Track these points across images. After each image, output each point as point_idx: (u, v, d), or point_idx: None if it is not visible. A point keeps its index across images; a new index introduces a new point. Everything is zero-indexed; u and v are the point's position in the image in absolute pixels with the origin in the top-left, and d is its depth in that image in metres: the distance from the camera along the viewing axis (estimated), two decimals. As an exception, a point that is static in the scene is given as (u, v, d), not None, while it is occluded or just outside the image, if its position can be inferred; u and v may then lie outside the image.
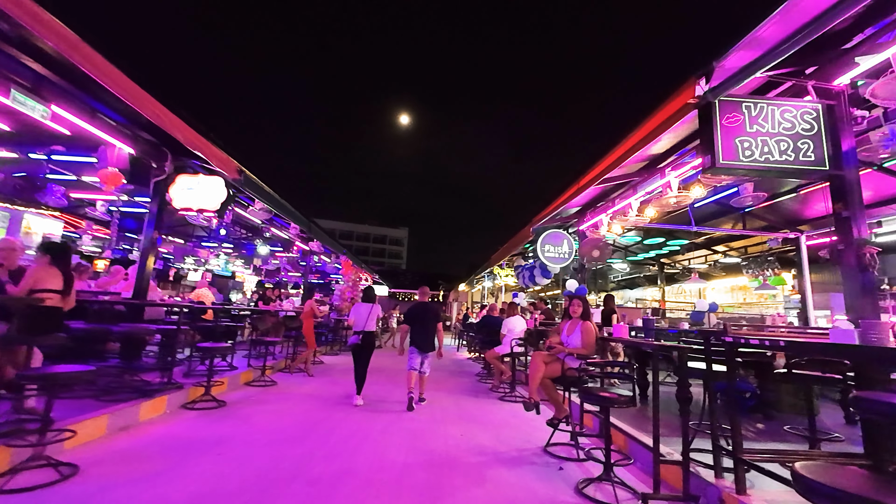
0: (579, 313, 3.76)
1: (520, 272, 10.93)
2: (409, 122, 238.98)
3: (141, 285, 5.13)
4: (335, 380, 6.78)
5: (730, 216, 8.14)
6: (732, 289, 11.77)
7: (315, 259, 13.24)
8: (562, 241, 7.75)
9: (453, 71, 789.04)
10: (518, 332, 5.93)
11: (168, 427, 3.78)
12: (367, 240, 69.19)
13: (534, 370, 3.55)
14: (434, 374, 8.00)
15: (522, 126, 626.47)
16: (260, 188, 6.25)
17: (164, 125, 4.44)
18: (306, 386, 6.18)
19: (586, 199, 7.20)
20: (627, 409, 3.48)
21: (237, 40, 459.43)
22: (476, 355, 11.18)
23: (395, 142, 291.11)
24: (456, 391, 6.36)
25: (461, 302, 26.55)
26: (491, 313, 7.36)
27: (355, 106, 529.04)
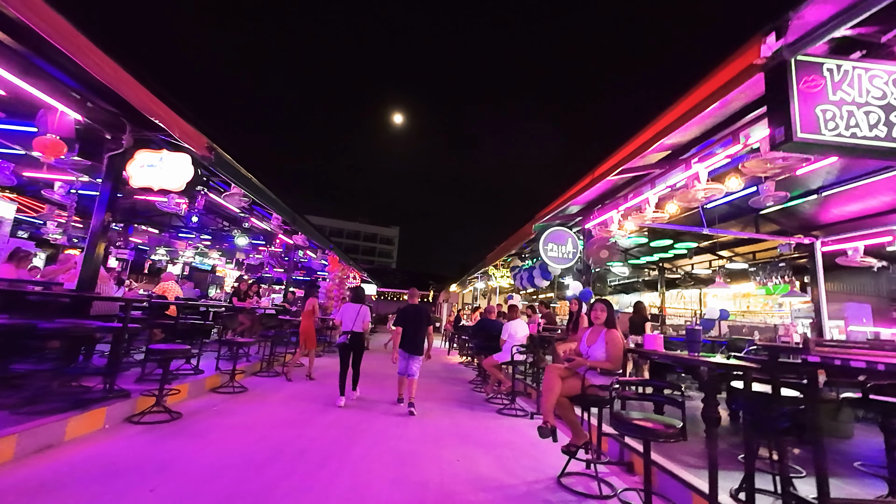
0: (603, 320, 3.18)
1: (517, 273, 10.37)
2: (404, 121, 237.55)
3: (87, 275, 4.41)
4: (315, 385, 6.11)
5: (741, 219, 7.69)
6: (735, 296, 11.37)
7: (300, 254, 12.52)
8: (566, 240, 7.20)
9: (451, 67, 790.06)
10: (520, 338, 5.34)
11: (100, 447, 3.09)
12: (357, 238, 68.29)
13: (549, 387, 2.96)
14: (424, 380, 7.39)
15: (522, 124, 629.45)
16: (235, 170, 5.56)
17: (120, 89, 3.77)
18: (282, 392, 5.50)
19: (593, 195, 6.65)
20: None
21: (228, 28, 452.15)
22: (468, 360, 10.58)
23: (389, 140, 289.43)
24: (449, 401, 5.75)
25: (452, 303, 25.94)
26: (488, 316, 6.77)
27: (348, 102, 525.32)
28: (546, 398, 2.96)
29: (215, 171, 5.26)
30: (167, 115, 4.12)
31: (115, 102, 4.34)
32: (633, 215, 5.43)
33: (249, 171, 6.15)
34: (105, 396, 3.66)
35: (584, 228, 7.29)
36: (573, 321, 5.56)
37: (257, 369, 6.70)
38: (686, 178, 4.44)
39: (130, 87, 3.79)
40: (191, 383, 4.89)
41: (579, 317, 5.50)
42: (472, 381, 7.49)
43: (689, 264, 11.30)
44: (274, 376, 6.55)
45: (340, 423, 4.25)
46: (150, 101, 3.94)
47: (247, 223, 8.30)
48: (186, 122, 4.45)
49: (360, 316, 5.14)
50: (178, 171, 4.71)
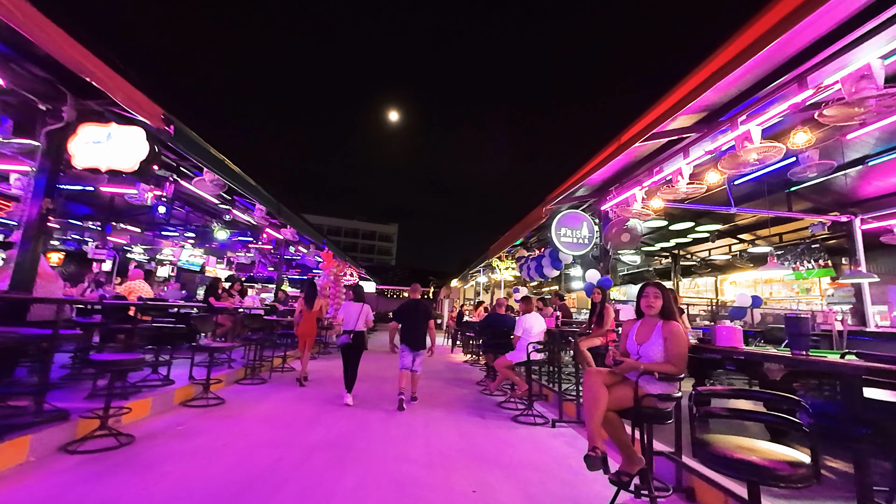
0: (658, 309, 2.46)
1: (524, 263, 9.67)
2: (401, 118, 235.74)
3: (22, 274, 3.69)
4: (305, 393, 5.41)
5: (769, 197, 6.99)
6: (756, 282, 10.68)
7: (291, 250, 11.81)
8: (580, 224, 6.50)
9: (450, 63, 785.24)
10: (537, 334, 4.65)
11: (11, 491, 2.39)
12: (355, 236, 67.63)
13: (592, 399, 2.24)
14: (427, 382, 6.71)
15: (520, 120, 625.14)
16: (202, 150, 4.84)
17: (55, 51, 3.07)
18: (265, 403, 4.81)
19: (610, 171, 5.94)
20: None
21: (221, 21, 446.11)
22: (474, 358, 9.90)
23: (387, 137, 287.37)
24: (456, 408, 5.05)
25: (453, 299, 25.27)
26: (496, 310, 6.07)
27: (346, 101, 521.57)
28: (590, 414, 2.25)
29: (178, 149, 4.51)
30: (107, 77, 3.40)
31: (48, 66, 3.60)
32: (662, 191, 4.71)
33: (223, 153, 5.43)
34: (32, 422, 2.96)
35: (599, 210, 6.58)
36: (597, 313, 4.86)
37: (241, 376, 6.00)
38: (734, 140, 3.73)
39: (72, 52, 3.09)
40: (156, 397, 4.20)
41: (604, 308, 4.80)
42: (480, 382, 6.80)
43: (705, 250, 10.61)
44: (259, 383, 5.85)
45: (330, 442, 3.55)
46: (83, 58, 3.21)
47: (228, 216, 7.58)
48: (134, 88, 3.73)
49: (363, 315, 5.11)
50: (130, 148, 3.98)
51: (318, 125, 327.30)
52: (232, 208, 7.57)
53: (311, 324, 6.60)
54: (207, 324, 4.75)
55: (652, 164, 5.17)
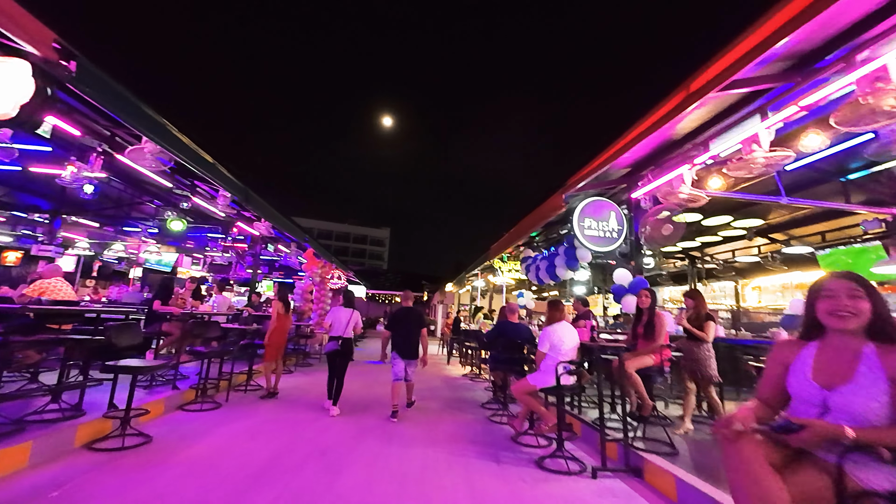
0: (862, 319, 1.34)
1: (531, 264, 8.58)
2: (393, 121, 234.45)
3: None
4: (264, 423, 4.22)
5: (822, 187, 6.02)
6: (786, 287, 9.70)
7: (270, 249, 10.59)
8: (608, 215, 5.43)
9: (441, 65, 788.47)
10: (569, 351, 3.52)
11: None
12: (346, 239, 66.38)
13: (761, 497, 1.13)
14: (422, 403, 5.53)
15: (516, 120, 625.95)
16: (129, 104, 3.67)
17: None
18: (204, 441, 3.60)
19: (645, 150, 4.91)
20: None
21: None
22: (474, 372, 8.74)
23: (379, 141, 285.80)
24: (460, 443, 3.91)
25: (447, 304, 24.11)
26: (508, 317, 4.96)
27: (336, 100, 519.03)
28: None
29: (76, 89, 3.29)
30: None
31: None
32: (730, 165, 3.64)
33: (166, 117, 4.26)
34: None
35: (629, 199, 5.52)
36: (644, 322, 3.76)
37: (189, 399, 4.78)
38: (856, 83, 2.69)
39: None
40: (45, 438, 2.99)
41: (654, 316, 3.70)
42: (487, 404, 5.64)
43: (728, 251, 9.63)
44: (211, 409, 4.64)
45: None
46: None
47: (186, 203, 6.38)
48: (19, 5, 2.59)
49: (352, 321, 4.98)
50: (8, 87, 2.81)
51: (308, 126, 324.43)
52: (192, 195, 6.39)
53: (285, 331, 5.45)
54: (125, 334, 3.54)
55: (709, 135, 4.13)
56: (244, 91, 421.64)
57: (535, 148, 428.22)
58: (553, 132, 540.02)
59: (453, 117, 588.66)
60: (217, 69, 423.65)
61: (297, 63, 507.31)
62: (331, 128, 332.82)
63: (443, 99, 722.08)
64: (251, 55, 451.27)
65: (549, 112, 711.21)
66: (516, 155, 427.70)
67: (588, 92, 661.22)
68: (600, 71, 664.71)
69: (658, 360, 3.55)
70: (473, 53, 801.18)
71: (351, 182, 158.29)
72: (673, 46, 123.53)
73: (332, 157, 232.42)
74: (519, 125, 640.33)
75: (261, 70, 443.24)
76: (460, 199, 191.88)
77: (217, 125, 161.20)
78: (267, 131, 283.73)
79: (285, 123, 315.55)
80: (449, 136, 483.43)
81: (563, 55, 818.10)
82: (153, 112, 4.00)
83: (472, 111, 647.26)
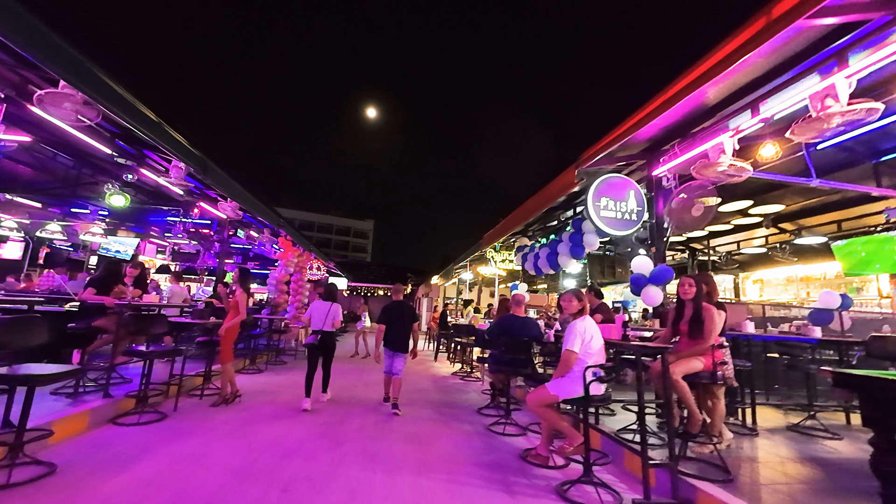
0: None
1: (528, 253, 7.90)
2: (377, 114, 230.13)
3: None
4: (216, 440, 3.39)
5: (850, 170, 5.51)
6: (790, 280, 9.30)
7: (241, 235, 9.59)
8: (627, 194, 4.75)
9: (426, 58, 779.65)
10: (598, 352, 2.81)
11: None
12: (329, 231, 64.77)
13: None
14: (411, 411, 4.77)
15: (501, 117, 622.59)
16: (16, 13, 2.75)
17: None
18: (130, 472, 2.76)
19: (670, 120, 4.25)
20: None
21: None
22: (465, 370, 8.03)
23: (364, 132, 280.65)
24: (460, 465, 3.18)
25: (432, 298, 23.40)
26: (513, 310, 4.23)
27: (319, 92, 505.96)
28: None
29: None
30: None
31: None
32: (800, 125, 2.96)
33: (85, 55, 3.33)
34: None
35: (649, 177, 4.86)
36: (688, 318, 3.07)
37: (125, 410, 3.90)
38: None
39: None
40: None
41: (700, 310, 3.01)
42: (484, 410, 4.92)
43: (733, 242, 9.16)
44: (154, 421, 3.78)
45: None
46: None
47: (131, 175, 5.40)
48: None
49: (331, 315, 4.90)
50: None
51: (290, 116, 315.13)
52: (138, 166, 5.42)
53: (237, 324, 4.62)
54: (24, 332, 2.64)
55: (757, 97, 3.46)
56: (219, 75, 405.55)
57: (527, 140, 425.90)
58: (553, 116, 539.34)
59: (440, 109, 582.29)
60: (187, 51, 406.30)
61: (272, 49, 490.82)
62: (313, 117, 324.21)
63: (429, 90, 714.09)
64: (224, 38, 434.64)
65: (546, 97, 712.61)
66: (506, 148, 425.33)
67: (597, 65, 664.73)
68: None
69: (709, 363, 2.89)
70: (461, 40, 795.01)
71: (334, 173, 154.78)
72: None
73: (313, 148, 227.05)
74: (510, 116, 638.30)
75: (233, 54, 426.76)
76: (446, 192, 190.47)
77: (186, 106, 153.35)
78: (245, 117, 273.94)
79: (265, 110, 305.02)
80: (436, 128, 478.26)
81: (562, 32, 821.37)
82: (63, 41, 3.08)
83: (460, 103, 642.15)
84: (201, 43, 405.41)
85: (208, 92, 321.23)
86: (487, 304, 15.57)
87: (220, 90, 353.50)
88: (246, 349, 7.32)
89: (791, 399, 4.93)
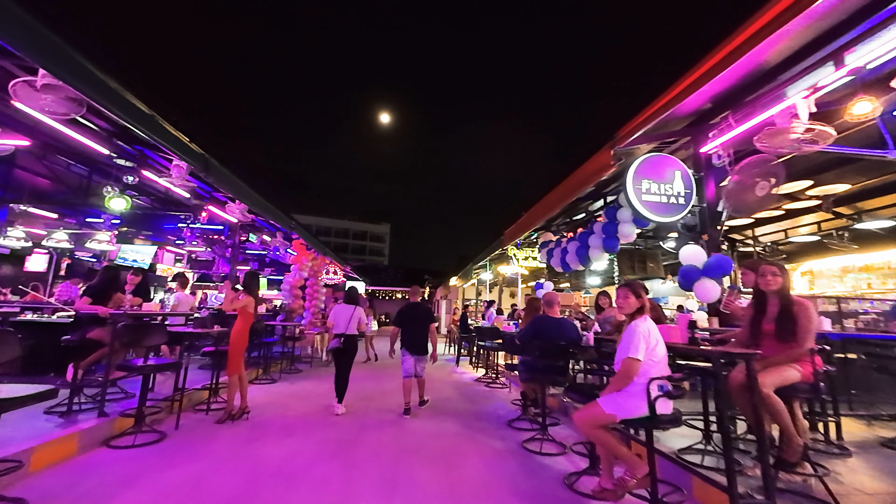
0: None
1: (553, 248, 7.33)
2: (391, 117, 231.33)
3: None
4: (218, 464, 2.99)
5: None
6: (846, 271, 8.43)
7: (253, 240, 9.33)
8: (671, 175, 4.16)
9: (438, 62, 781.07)
10: (662, 360, 2.27)
11: None
12: (346, 236, 65.19)
13: None
14: (434, 424, 4.27)
15: (513, 118, 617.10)
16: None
17: None
18: (120, 501, 2.38)
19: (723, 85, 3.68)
20: None
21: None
22: (490, 376, 7.51)
23: (378, 137, 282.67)
24: (494, 497, 2.69)
25: (451, 300, 22.90)
26: (547, 311, 3.72)
27: (335, 99, 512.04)
28: None
29: None
30: None
31: None
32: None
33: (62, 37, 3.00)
34: None
35: (696, 154, 4.27)
36: (778, 315, 2.49)
37: (126, 427, 3.56)
38: None
39: None
40: None
41: (792, 306, 2.43)
42: (515, 423, 4.40)
43: (780, 230, 8.37)
44: (152, 442, 3.43)
45: None
46: None
47: (132, 177, 5.12)
48: None
49: (354, 317, 4.90)
50: None
51: (305, 122, 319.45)
52: (139, 166, 5.14)
53: (246, 331, 4.25)
54: None
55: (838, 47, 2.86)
56: (234, 85, 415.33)
57: (539, 141, 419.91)
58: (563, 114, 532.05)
59: (454, 112, 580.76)
60: (203, 62, 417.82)
61: (288, 56, 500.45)
62: (327, 124, 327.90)
63: (442, 94, 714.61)
64: (239, 48, 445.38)
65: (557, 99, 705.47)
66: (518, 148, 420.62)
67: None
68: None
69: (808, 371, 2.31)
70: (473, 42, 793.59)
71: (349, 178, 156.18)
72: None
73: (329, 154, 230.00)
74: (522, 117, 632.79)
75: (248, 61, 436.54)
76: (462, 194, 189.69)
77: (208, 116, 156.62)
78: (263, 125, 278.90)
79: (281, 120, 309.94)
80: (450, 130, 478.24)
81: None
82: (56, 36, 2.76)
83: (473, 106, 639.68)
84: (212, 40, 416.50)
85: (214, 93, 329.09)
86: (510, 305, 14.97)
87: (230, 93, 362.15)
88: (259, 357, 7.00)
89: (874, 407, 4.23)
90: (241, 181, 5.71)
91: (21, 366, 4.16)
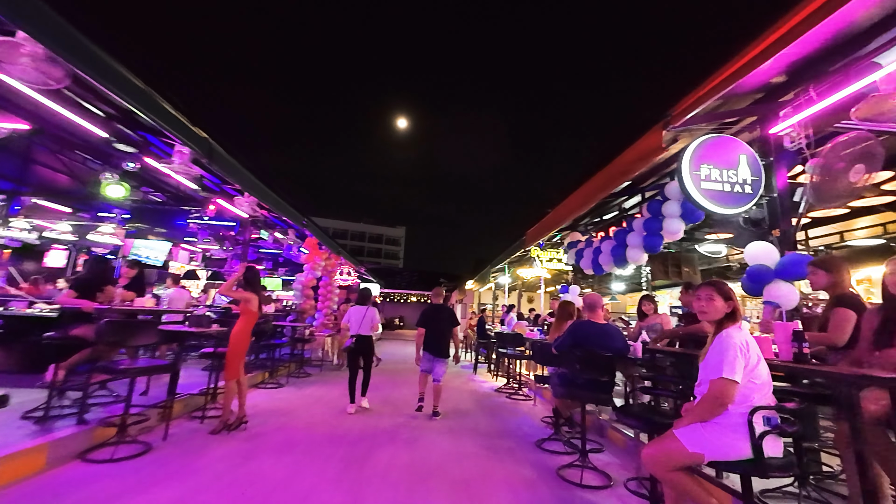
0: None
1: (583, 249, 6.73)
2: (409, 122, 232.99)
3: None
4: (206, 486, 2.53)
5: None
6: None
7: (265, 236, 9.00)
8: (736, 159, 3.56)
9: (454, 66, 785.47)
10: (765, 383, 1.70)
11: None
12: (362, 239, 65.54)
13: None
14: (454, 441, 3.74)
15: (531, 123, 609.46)
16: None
17: None
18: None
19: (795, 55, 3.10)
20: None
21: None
22: (512, 386, 6.94)
23: (394, 141, 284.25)
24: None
25: (466, 304, 22.32)
26: (589, 315, 3.18)
27: (353, 105, 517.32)
28: None
29: None
30: None
31: None
32: None
33: None
34: None
35: (765, 136, 3.66)
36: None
37: (107, 437, 3.15)
38: None
39: None
40: None
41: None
42: (546, 443, 3.83)
43: (835, 233, 7.57)
44: (135, 455, 3.01)
45: None
46: None
47: (131, 163, 4.79)
48: None
49: (367, 318, 4.93)
50: None
51: (323, 129, 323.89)
52: (139, 152, 4.81)
53: (247, 332, 3.82)
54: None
55: None
56: (254, 88, 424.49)
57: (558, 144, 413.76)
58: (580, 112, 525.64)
59: (470, 116, 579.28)
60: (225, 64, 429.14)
61: (306, 61, 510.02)
62: (345, 130, 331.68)
63: (458, 97, 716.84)
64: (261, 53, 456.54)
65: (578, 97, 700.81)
66: (539, 146, 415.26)
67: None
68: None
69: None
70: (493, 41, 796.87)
71: (366, 183, 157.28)
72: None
73: (347, 159, 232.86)
74: (545, 111, 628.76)
75: (268, 67, 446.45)
76: (479, 195, 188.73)
77: (225, 124, 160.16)
78: (284, 133, 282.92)
79: (303, 125, 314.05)
80: (465, 134, 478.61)
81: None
82: None
83: (491, 109, 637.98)
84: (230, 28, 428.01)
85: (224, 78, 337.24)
86: (528, 310, 14.29)
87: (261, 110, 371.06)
88: (266, 360, 6.60)
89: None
90: (247, 170, 5.33)
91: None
